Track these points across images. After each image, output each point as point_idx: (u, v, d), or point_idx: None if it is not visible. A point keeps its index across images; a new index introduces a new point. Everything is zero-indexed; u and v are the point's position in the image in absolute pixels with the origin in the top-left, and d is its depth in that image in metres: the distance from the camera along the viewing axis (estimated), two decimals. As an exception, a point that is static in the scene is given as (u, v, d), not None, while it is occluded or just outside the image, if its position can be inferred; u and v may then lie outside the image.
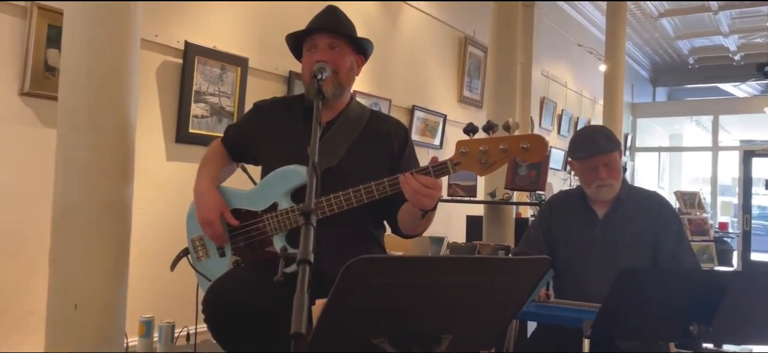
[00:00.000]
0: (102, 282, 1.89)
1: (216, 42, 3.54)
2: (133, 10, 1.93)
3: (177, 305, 3.02)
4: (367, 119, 2.01)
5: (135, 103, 2.00)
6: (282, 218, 1.85)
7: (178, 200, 3.32)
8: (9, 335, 2.70)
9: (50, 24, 2.75)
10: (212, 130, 3.56)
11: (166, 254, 3.03)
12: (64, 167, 1.90)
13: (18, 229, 2.72)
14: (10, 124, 2.69)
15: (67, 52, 1.90)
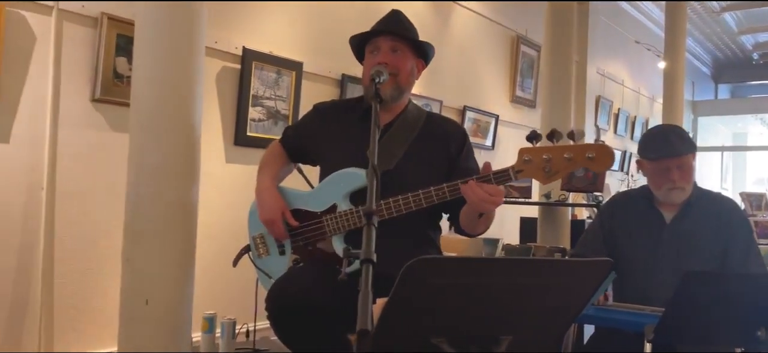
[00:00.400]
0: (171, 279, 1.98)
1: (272, 47, 3.63)
2: (198, 20, 2.02)
3: (237, 302, 3.12)
4: (424, 121, 2.03)
5: (200, 108, 2.08)
6: (341, 220, 1.89)
7: (236, 201, 3.42)
8: (85, 329, 2.86)
9: (119, 33, 2.89)
10: (268, 133, 3.66)
11: (225, 253, 3.14)
12: (135, 170, 2.00)
13: (88, 228, 2.88)
14: (82, 128, 2.85)
15: (139, 61, 2.01)
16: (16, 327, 2.65)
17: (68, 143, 2.80)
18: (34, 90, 2.68)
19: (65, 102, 2.78)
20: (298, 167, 2.21)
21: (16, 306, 2.65)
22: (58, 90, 2.77)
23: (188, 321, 2.06)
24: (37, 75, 2.69)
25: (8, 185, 2.62)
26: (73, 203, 2.82)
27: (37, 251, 2.71)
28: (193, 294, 2.11)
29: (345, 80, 4.04)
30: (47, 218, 2.74)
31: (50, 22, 2.72)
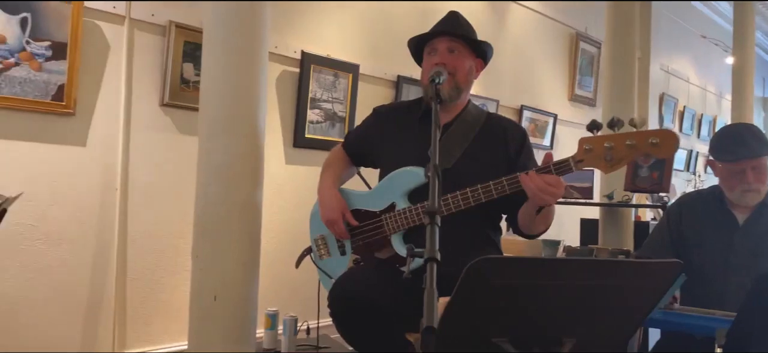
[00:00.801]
0: (237, 275, 2.05)
1: (329, 50, 3.70)
2: (262, 27, 2.08)
3: (297, 299, 3.20)
4: (483, 121, 2.03)
5: (263, 112, 2.15)
6: (399, 218, 1.91)
7: (296, 201, 3.51)
8: (153, 322, 3.00)
9: (186, 41, 3.02)
10: (326, 134, 3.73)
11: (285, 251, 3.24)
12: (204, 171, 2.08)
13: (158, 227, 3.01)
14: (151, 132, 2.99)
15: (206, 67, 2.09)
16: (92, 325, 2.80)
17: (139, 145, 2.94)
18: (108, 96, 2.84)
19: (136, 107, 2.93)
20: (358, 171, 2.25)
21: (92, 302, 2.81)
22: (130, 95, 2.91)
23: (254, 317, 2.13)
24: (111, 82, 2.85)
25: (85, 185, 2.78)
26: (144, 202, 2.96)
27: (112, 248, 2.86)
28: (257, 291, 2.17)
29: (400, 81, 4.06)
30: (121, 217, 2.88)
31: (123, 31, 2.87)
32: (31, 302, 2.63)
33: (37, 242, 2.65)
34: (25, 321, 2.61)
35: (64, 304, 2.72)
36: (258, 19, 2.09)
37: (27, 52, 2.55)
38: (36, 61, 2.57)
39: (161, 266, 3.03)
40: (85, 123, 2.77)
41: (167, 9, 2.97)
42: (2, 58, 2.49)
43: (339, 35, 3.78)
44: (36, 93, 2.58)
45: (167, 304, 3.05)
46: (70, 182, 2.73)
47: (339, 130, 3.79)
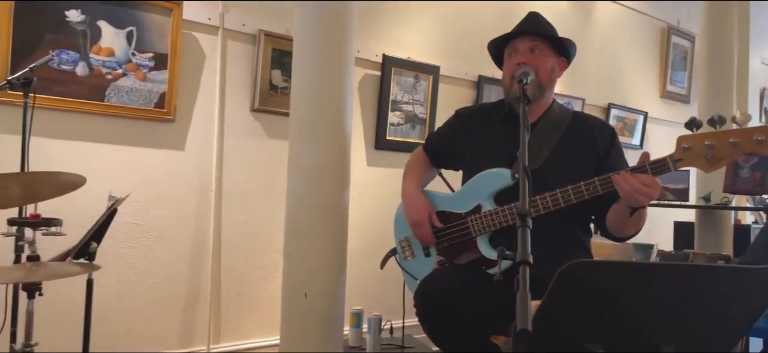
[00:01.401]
0: (326, 274, 2.12)
1: (410, 53, 3.73)
2: (349, 34, 2.15)
3: (380, 299, 3.25)
4: (569, 121, 1.99)
5: (350, 116, 2.21)
6: (486, 220, 1.91)
7: (377, 202, 3.57)
8: (245, 317, 3.15)
9: (274, 48, 3.15)
10: (407, 136, 3.76)
11: (368, 251, 3.30)
12: (294, 174, 2.17)
13: (249, 226, 3.16)
14: (243, 136, 3.14)
15: (297, 73, 2.18)
16: (189, 319, 2.98)
17: (232, 149, 3.10)
18: (204, 103, 3.01)
19: (229, 113, 3.09)
20: (440, 172, 2.26)
21: (189, 298, 2.99)
22: (224, 102, 3.07)
23: (342, 315, 2.19)
24: (207, 89, 3.02)
25: (184, 187, 2.96)
26: (237, 203, 3.12)
27: (207, 246, 3.03)
28: (345, 289, 2.23)
29: (481, 82, 4.03)
30: (215, 217, 3.05)
31: (217, 42, 3.03)
32: (136, 295, 2.83)
33: (141, 240, 2.85)
34: (131, 313, 2.82)
35: (165, 298, 2.91)
36: (345, 26, 2.15)
37: (133, 64, 2.75)
38: (141, 72, 2.77)
39: (252, 264, 3.18)
40: (183, 129, 2.95)
41: (257, 18, 3.11)
42: (111, 69, 2.70)
43: (419, 38, 3.80)
44: (140, 101, 2.78)
45: (258, 300, 3.19)
46: (170, 184, 2.92)
47: (419, 132, 3.82)
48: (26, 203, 1.94)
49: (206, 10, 2.97)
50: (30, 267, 1.79)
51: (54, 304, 2.53)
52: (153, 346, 2.87)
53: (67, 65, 2.58)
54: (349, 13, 2.14)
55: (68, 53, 2.58)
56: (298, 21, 2.16)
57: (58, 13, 2.55)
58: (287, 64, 3.21)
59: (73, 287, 2.46)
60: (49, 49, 2.52)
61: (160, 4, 2.79)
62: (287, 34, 3.17)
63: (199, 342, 3.01)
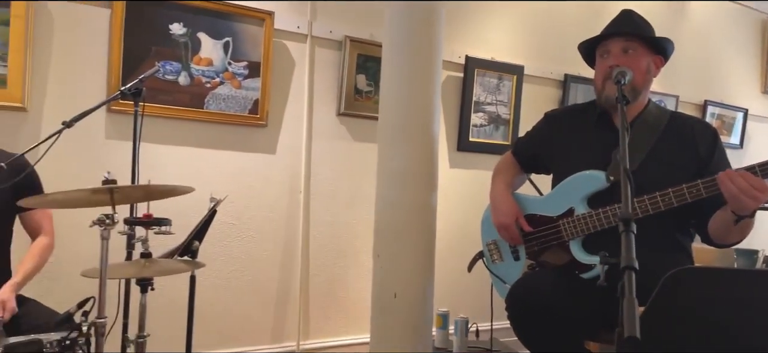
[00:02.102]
0: (415, 275, 2.15)
1: (493, 53, 3.70)
2: (437, 38, 2.17)
3: (466, 301, 3.26)
4: (667, 121, 1.92)
5: (437, 119, 2.23)
6: (579, 223, 1.87)
7: (460, 204, 3.57)
8: (333, 316, 3.24)
9: (359, 54, 3.22)
10: (489, 138, 3.73)
11: (453, 253, 3.31)
12: (384, 176, 2.22)
13: (336, 227, 3.25)
14: (330, 139, 3.23)
15: (386, 77, 2.23)
16: (280, 316, 3.11)
17: (319, 152, 3.20)
18: (293, 108, 3.13)
19: (317, 117, 3.19)
20: (529, 177, 2.24)
21: (281, 296, 3.11)
22: (312, 107, 3.18)
23: (430, 316, 2.22)
24: (296, 95, 3.13)
25: (275, 189, 3.09)
26: (324, 204, 3.22)
27: (297, 246, 3.15)
28: (433, 290, 2.26)
29: (568, 81, 3.94)
30: (304, 218, 3.16)
31: (305, 49, 3.14)
32: (232, 292, 2.99)
33: (236, 240, 3.00)
34: (227, 308, 2.97)
35: (258, 296, 3.05)
36: (434, 29, 2.17)
37: (229, 72, 2.91)
38: (236, 80, 2.92)
39: (339, 264, 3.27)
40: (274, 133, 3.08)
41: (343, 24, 3.20)
42: (210, 78, 2.87)
43: (503, 37, 3.77)
44: (236, 108, 2.93)
45: (345, 300, 3.28)
46: (262, 186, 3.06)
47: (503, 133, 3.78)
48: (139, 203, 2.10)
49: (295, 19, 3.09)
50: (143, 264, 1.94)
51: (159, 298, 2.71)
52: (247, 341, 3.01)
53: (170, 75, 2.77)
54: (438, 16, 2.16)
55: (172, 64, 2.77)
56: (388, 25, 2.20)
57: (163, 26, 2.73)
58: (372, 68, 3.27)
59: (174, 283, 2.63)
60: (155, 61, 2.70)
61: (254, 15, 2.92)
62: (372, 39, 3.23)
63: (290, 339, 3.13)
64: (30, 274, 2.04)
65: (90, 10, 2.61)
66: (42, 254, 2.10)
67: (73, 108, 2.21)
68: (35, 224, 2.14)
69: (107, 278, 1.67)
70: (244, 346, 3.00)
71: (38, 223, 2.15)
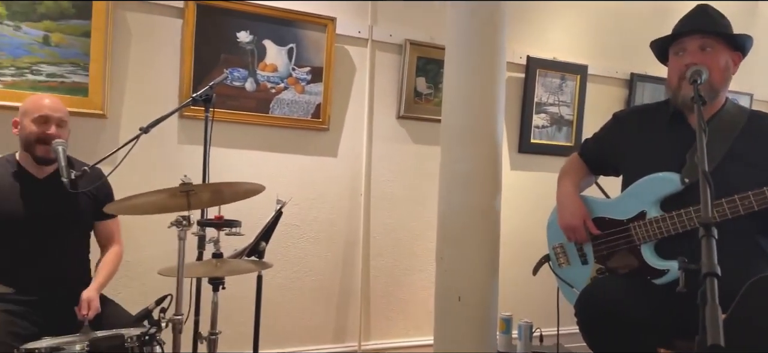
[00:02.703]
0: (480, 278, 2.14)
1: (556, 53, 3.63)
2: (500, 40, 2.15)
3: (528, 305, 3.21)
4: (745, 121, 1.84)
5: (501, 121, 2.21)
6: (651, 227, 1.82)
7: (522, 207, 3.52)
8: (393, 317, 3.26)
9: (419, 56, 3.23)
10: (551, 139, 3.67)
11: (513, 256, 3.27)
12: (447, 178, 2.22)
13: (396, 229, 3.27)
14: (390, 142, 3.26)
15: (449, 79, 2.23)
16: (342, 316, 3.15)
17: (379, 155, 3.23)
18: (354, 112, 3.17)
19: (377, 120, 3.22)
20: (596, 180, 2.19)
21: (342, 296, 3.16)
22: (372, 110, 3.21)
23: (495, 319, 2.20)
24: (357, 99, 3.18)
25: (337, 191, 3.14)
26: (385, 207, 3.24)
27: (358, 248, 3.19)
28: (498, 294, 2.24)
29: (634, 80, 3.81)
30: (365, 220, 3.20)
31: (366, 53, 3.18)
32: (295, 292, 3.06)
33: (299, 241, 3.07)
34: (291, 308, 3.04)
35: (321, 296, 3.11)
36: (497, 30, 2.16)
37: (293, 78, 2.98)
38: (300, 85, 2.99)
39: (400, 266, 3.29)
40: (336, 137, 3.13)
41: (403, 28, 3.22)
42: (275, 84, 2.94)
43: (565, 36, 3.69)
44: (299, 112, 3.00)
45: (405, 302, 3.29)
46: (324, 188, 3.11)
47: (566, 134, 3.70)
48: (211, 205, 2.18)
49: (356, 24, 3.13)
50: (215, 264, 2.01)
51: (227, 297, 2.80)
52: (310, 340, 3.08)
53: (238, 82, 2.86)
54: (501, 16, 2.15)
55: (239, 71, 2.86)
56: (450, 26, 2.21)
57: (231, 34, 2.83)
58: (432, 71, 3.28)
59: (241, 282, 2.72)
60: (223, 68, 2.80)
61: (317, 21, 2.99)
62: (432, 41, 3.24)
63: (351, 339, 3.17)
64: (108, 278, 2.18)
65: (164, 21, 2.74)
66: (115, 261, 2.25)
67: (148, 114, 2.31)
68: (108, 232, 2.27)
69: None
70: (307, 345, 3.07)
71: (111, 232, 2.27)
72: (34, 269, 2.01)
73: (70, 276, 2.12)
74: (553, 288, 2.16)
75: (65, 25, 2.52)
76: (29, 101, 2.11)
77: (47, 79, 2.50)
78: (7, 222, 2.03)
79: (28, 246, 2.03)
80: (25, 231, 2.03)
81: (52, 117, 2.05)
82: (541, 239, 2.16)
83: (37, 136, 2.03)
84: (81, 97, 2.55)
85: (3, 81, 2.44)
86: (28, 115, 2.06)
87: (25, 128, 2.05)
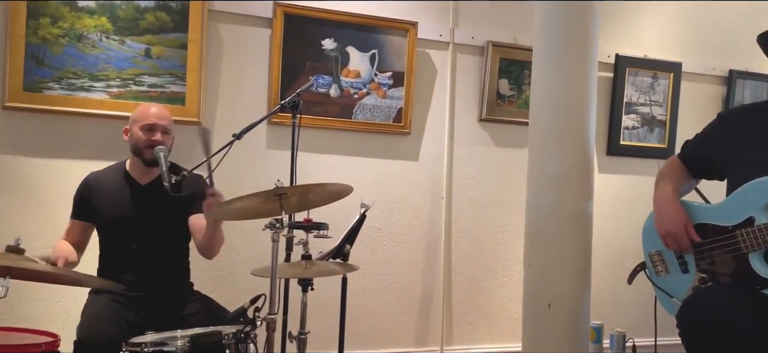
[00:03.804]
0: (571, 285, 2.08)
1: (647, 50, 3.48)
2: (593, 37, 2.08)
3: (620, 314, 3.08)
4: None
5: (593, 123, 2.14)
6: (761, 234, 1.70)
7: (612, 212, 3.37)
8: (475, 322, 3.23)
9: (502, 58, 3.19)
10: (643, 141, 3.51)
11: (604, 263, 3.14)
12: (535, 182, 2.17)
13: (478, 233, 3.24)
14: (471, 145, 3.23)
15: (537, 80, 2.18)
16: (424, 320, 3.15)
17: (461, 158, 3.21)
18: (435, 115, 3.17)
19: (458, 123, 3.21)
20: (696, 185, 2.06)
21: (424, 299, 3.16)
22: (453, 113, 3.20)
23: (587, 328, 2.13)
24: (438, 102, 3.17)
25: (418, 195, 3.15)
26: (466, 211, 3.22)
27: (439, 252, 3.18)
28: (590, 302, 2.17)
29: (733, 77, 3.58)
30: (446, 224, 3.19)
31: (447, 56, 3.17)
32: (378, 293, 3.08)
33: (382, 244, 3.10)
34: (373, 310, 3.07)
35: (402, 300, 3.12)
36: (589, 28, 2.09)
37: (375, 83, 3.01)
38: (382, 90, 3.02)
39: (482, 271, 3.25)
40: (417, 140, 3.14)
41: (485, 30, 3.18)
42: (358, 89, 2.99)
43: (657, 33, 3.53)
44: (381, 117, 3.03)
45: (488, 307, 3.25)
46: (406, 192, 3.13)
47: (658, 135, 3.53)
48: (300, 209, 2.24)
49: (438, 27, 3.12)
50: (304, 265, 2.07)
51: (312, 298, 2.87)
52: (392, 342, 3.10)
53: (322, 88, 2.93)
54: (592, 15, 2.08)
55: (324, 78, 2.93)
56: (539, 26, 2.16)
57: (316, 42, 2.90)
58: (514, 72, 3.22)
59: (325, 284, 2.76)
60: (309, 76, 2.88)
61: (399, 26, 3.01)
62: (515, 43, 3.18)
63: (433, 343, 3.16)
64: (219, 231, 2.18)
65: (253, 32, 2.85)
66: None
67: (239, 121, 2.42)
68: (202, 223, 2.35)
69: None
70: (389, 348, 3.09)
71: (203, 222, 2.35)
72: (140, 268, 2.15)
73: (172, 275, 2.24)
74: (647, 296, 2.06)
75: (165, 38, 2.67)
76: (138, 111, 2.27)
77: (149, 90, 2.67)
78: (119, 226, 2.18)
79: (136, 247, 2.17)
80: (134, 234, 2.18)
81: (157, 125, 2.19)
82: (632, 245, 2.08)
83: (145, 143, 2.17)
84: (179, 105, 2.70)
85: (110, 92, 2.63)
86: (137, 123, 2.20)
87: (134, 135, 2.20)
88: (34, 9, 2.50)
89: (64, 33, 2.55)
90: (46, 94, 2.54)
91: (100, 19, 2.59)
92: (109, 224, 2.21)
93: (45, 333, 1.82)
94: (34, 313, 2.55)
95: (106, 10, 2.60)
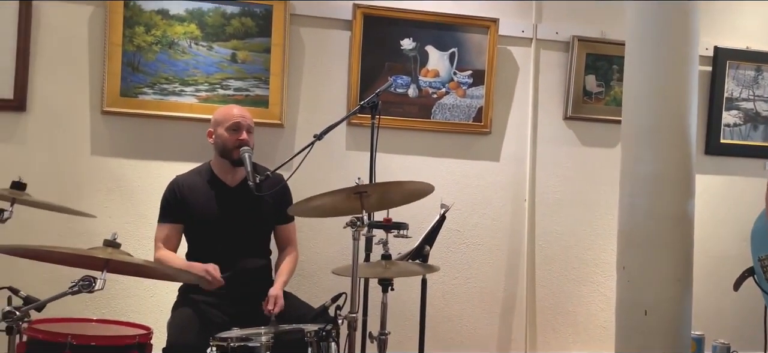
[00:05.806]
0: (670, 291, 1.94)
1: (749, 42, 3.23)
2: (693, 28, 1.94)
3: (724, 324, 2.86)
4: None
5: (694, 120, 2.00)
6: None
7: (711, 215, 3.15)
8: (560, 329, 3.10)
9: (588, 53, 3.05)
10: (746, 139, 3.27)
11: (704, 270, 2.92)
12: (630, 182, 2.05)
13: (563, 236, 3.10)
14: (556, 145, 3.10)
15: (630, 75, 2.06)
16: (506, 325, 3.05)
17: (544, 158, 3.09)
18: (517, 114, 3.07)
19: (542, 122, 3.09)
20: None
21: (506, 304, 3.06)
22: (536, 112, 3.09)
23: (688, 337, 1.98)
24: (520, 101, 3.07)
25: (499, 196, 3.06)
26: (551, 213, 3.09)
27: (522, 255, 3.07)
28: (691, 309, 2.01)
29: None
30: (529, 227, 3.08)
31: (529, 53, 3.07)
32: (457, 297, 3.02)
33: (461, 247, 3.04)
34: (453, 313, 3.01)
35: (484, 304, 3.04)
36: (688, 19, 1.95)
37: (454, 82, 2.96)
38: (461, 89, 2.97)
39: (567, 276, 3.11)
40: (498, 140, 3.05)
41: (570, 24, 3.05)
42: (436, 89, 2.95)
43: (760, 22, 3.26)
44: (460, 116, 2.97)
45: (574, 314, 3.10)
46: (486, 193, 3.05)
47: (763, 133, 3.27)
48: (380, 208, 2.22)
49: (519, 24, 3.03)
50: (384, 265, 2.05)
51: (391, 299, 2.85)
52: (474, 346, 3.02)
53: (401, 88, 2.91)
54: (692, 5, 1.93)
55: (402, 78, 2.91)
56: (632, 19, 2.04)
57: (395, 42, 2.89)
58: (602, 68, 3.07)
59: (404, 285, 2.73)
60: (387, 76, 2.87)
61: (479, 24, 2.94)
62: (603, 37, 3.04)
63: (516, 348, 3.06)
64: (289, 278, 2.33)
65: (333, 34, 2.88)
66: (293, 264, 2.40)
67: (320, 123, 2.45)
68: (286, 236, 2.43)
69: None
70: (471, 352, 3.01)
71: (289, 235, 2.43)
72: (226, 266, 2.20)
73: (256, 274, 2.29)
74: (755, 304, 1.89)
75: (250, 43, 2.75)
76: (220, 112, 2.34)
77: (234, 94, 2.75)
78: (206, 226, 2.26)
79: (222, 247, 2.24)
80: (220, 233, 2.25)
81: (242, 124, 2.26)
82: (734, 251, 1.92)
83: (233, 143, 2.23)
84: (262, 108, 2.76)
85: (198, 96, 2.73)
86: (222, 124, 2.27)
87: (220, 137, 2.27)
88: (129, 18, 2.64)
89: (157, 40, 2.68)
90: (141, 99, 2.68)
91: (190, 26, 2.70)
92: (199, 224, 2.29)
93: (139, 326, 1.91)
94: (129, 307, 2.69)
95: (195, 17, 2.70)
